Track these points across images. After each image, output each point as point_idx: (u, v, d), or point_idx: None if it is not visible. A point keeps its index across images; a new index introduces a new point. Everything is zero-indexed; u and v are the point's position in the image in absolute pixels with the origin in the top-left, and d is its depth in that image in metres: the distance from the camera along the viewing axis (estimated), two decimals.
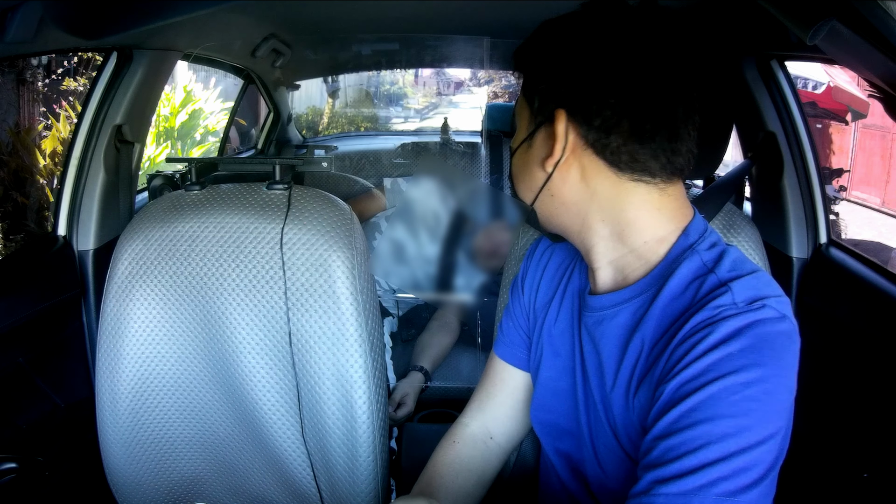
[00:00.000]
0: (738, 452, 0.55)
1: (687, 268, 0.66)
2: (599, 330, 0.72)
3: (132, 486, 1.07)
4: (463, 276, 1.90)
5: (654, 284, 0.68)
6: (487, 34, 1.84)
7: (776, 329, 0.59)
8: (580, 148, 0.67)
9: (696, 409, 0.57)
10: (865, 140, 7.11)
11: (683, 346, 0.61)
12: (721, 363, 0.58)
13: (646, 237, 0.68)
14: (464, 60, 2.56)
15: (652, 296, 0.67)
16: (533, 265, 0.87)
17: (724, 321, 0.59)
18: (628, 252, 0.69)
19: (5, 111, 4.28)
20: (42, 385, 1.28)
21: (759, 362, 0.57)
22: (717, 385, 0.57)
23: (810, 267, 1.37)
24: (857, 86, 5.85)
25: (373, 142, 2.84)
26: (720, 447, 0.55)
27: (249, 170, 1.16)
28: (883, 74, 0.70)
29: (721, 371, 0.57)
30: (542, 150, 0.69)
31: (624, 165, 0.66)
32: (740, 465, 0.55)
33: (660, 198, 0.68)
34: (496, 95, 6.24)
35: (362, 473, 0.98)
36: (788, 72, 1.39)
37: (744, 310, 0.60)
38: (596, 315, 0.72)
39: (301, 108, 3.63)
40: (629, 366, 0.68)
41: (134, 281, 1.01)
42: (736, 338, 0.58)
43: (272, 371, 0.99)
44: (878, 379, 1.12)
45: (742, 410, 0.56)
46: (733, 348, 0.58)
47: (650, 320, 0.66)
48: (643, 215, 0.68)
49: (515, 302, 0.89)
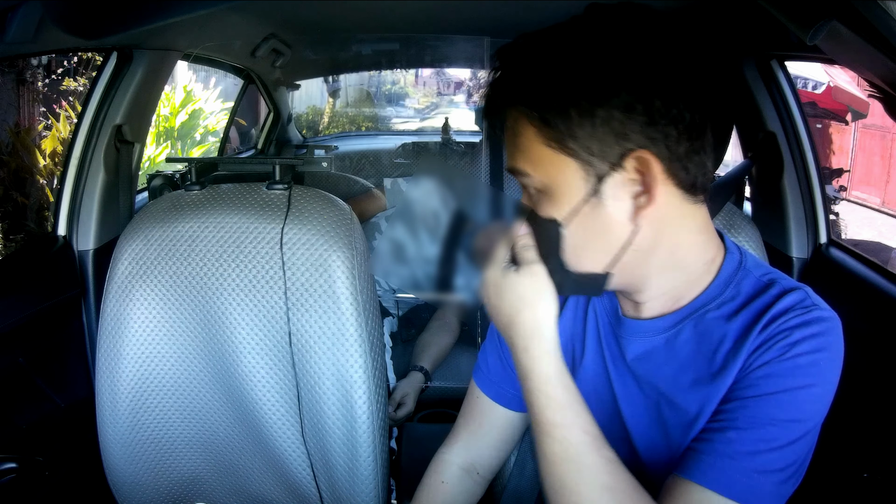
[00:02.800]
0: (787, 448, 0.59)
1: (748, 284, 0.66)
2: (657, 352, 0.68)
3: (132, 486, 1.07)
4: (463, 275, 1.90)
5: (712, 300, 0.66)
6: (487, 34, 1.84)
7: (841, 335, 0.63)
8: (664, 183, 0.58)
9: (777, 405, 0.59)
10: (865, 140, 7.11)
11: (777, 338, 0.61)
12: (809, 371, 0.60)
13: (703, 259, 0.65)
14: (464, 60, 2.56)
15: (717, 309, 0.65)
16: None
17: (812, 324, 0.61)
18: (686, 278, 0.66)
19: (5, 111, 4.28)
20: (42, 385, 1.28)
21: (835, 377, 0.61)
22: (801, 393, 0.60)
23: (810, 267, 1.37)
24: (857, 86, 5.84)
25: (373, 142, 2.85)
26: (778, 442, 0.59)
27: (249, 170, 1.16)
28: (883, 74, 0.70)
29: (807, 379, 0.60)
30: (620, 203, 0.58)
31: (698, 189, 0.60)
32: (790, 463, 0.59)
33: (704, 216, 0.64)
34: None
35: (362, 473, 0.98)
36: (788, 72, 1.40)
37: (825, 314, 0.62)
38: (651, 339, 0.68)
39: (301, 107, 3.63)
40: (713, 374, 0.65)
41: (134, 281, 1.01)
42: (822, 343, 0.61)
43: (272, 371, 0.99)
44: (878, 379, 1.12)
45: (808, 416, 0.60)
46: (823, 355, 0.60)
47: (730, 333, 0.64)
48: (700, 238, 0.65)
49: None
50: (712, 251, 0.67)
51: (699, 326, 0.66)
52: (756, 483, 0.58)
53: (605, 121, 0.56)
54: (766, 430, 0.59)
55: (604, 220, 0.59)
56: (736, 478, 0.58)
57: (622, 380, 0.71)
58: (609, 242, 0.61)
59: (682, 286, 0.66)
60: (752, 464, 0.58)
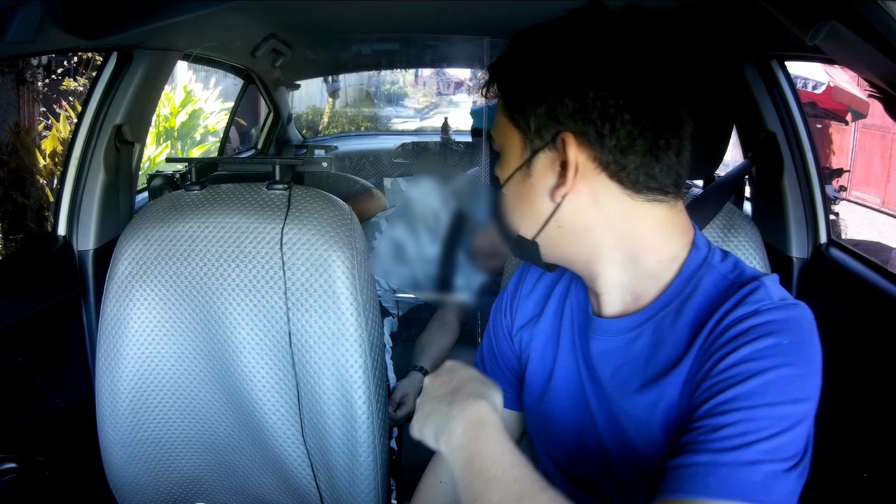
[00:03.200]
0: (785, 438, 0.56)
1: (709, 281, 0.65)
2: (616, 354, 0.68)
3: (132, 486, 1.07)
4: (463, 275, 1.90)
5: (673, 300, 0.65)
6: (487, 34, 1.83)
7: (812, 325, 0.62)
8: (592, 172, 0.62)
9: (753, 393, 0.57)
10: (865, 140, 7.11)
11: (728, 335, 0.60)
12: (773, 352, 0.58)
13: (659, 256, 0.66)
14: (464, 60, 2.56)
15: (676, 310, 0.65)
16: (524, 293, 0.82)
17: (766, 312, 0.60)
18: (642, 273, 0.66)
19: (5, 111, 4.28)
20: (42, 385, 1.28)
21: (806, 358, 0.59)
22: (774, 373, 0.57)
23: (810, 267, 1.37)
24: (857, 86, 5.85)
25: (373, 141, 2.85)
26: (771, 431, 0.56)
27: (249, 170, 1.16)
28: (883, 74, 0.70)
29: (776, 360, 0.58)
30: (545, 178, 0.63)
31: (641, 186, 0.62)
32: (786, 452, 0.56)
33: (672, 215, 0.65)
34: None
35: (362, 473, 0.98)
36: (788, 72, 1.39)
37: (781, 305, 0.61)
38: (612, 340, 0.68)
39: (301, 107, 3.63)
40: (662, 376, 0.64)
41: (134, 281, 1.01)
42: (784, 331, 0.59)
43: (272, 371, 0.99)
44: (878, 379, 1.12)
45: (792, 399, 0.57)
46: (784, 339, 0.58)
47: (681, 329, 0.64)
48: (657, 236, 0.65)
49: (499, 326, 0.84)
50: (674, 249, 0.66)
51: (657, 331, 0.66)
52: (751, 474, 0.55)
53: (544, 102, 0.62)
54: (739, 421, 0.56)
55: (529, 190, 0.65)
56: (724, 476, 0.54)
57: (589, 376, 0.71)
58: (534, 212, 0.66)
59: (636, 282, 0.67)
60: (739, 457, 0.55)
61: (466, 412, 0.62)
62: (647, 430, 0.66)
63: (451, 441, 0.62)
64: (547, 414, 0.77)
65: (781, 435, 0.56)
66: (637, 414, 0.66)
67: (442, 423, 0.63)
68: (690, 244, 0.67)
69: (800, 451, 0.57)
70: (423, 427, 0.65)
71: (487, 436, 0.61)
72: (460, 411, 0.62)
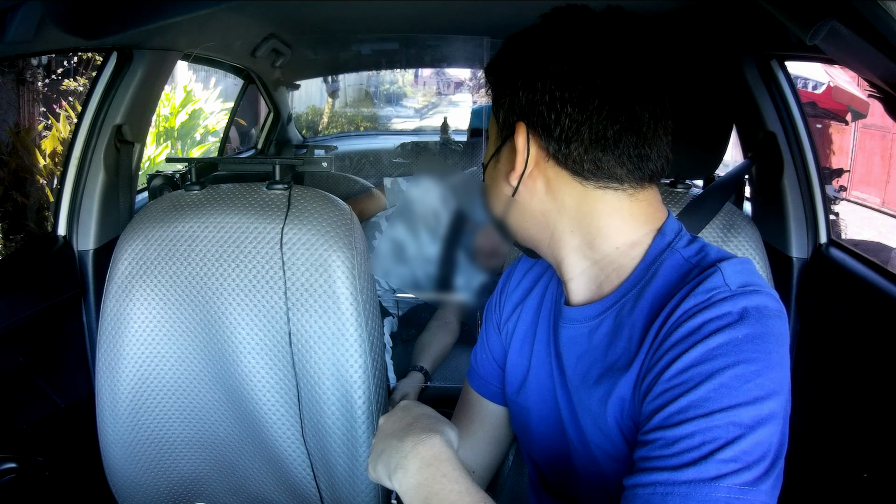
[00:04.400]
0: (747, 443, 0.52)
1: (669, 265, 0.63)
2: (580, 342, 0.68)
3: (132, 486, 1.07)
4: (463, 275, 1.90)
5: (633, 287, 0.65)
6: (487, 34, 1.83)
7: (775, 313, 0.57)
8: (543, 160, 0.66)
9: (706, 399, 0.53)
10: (865, 140, 7.11)
11: (678, 333, 0.57)
12: (726, 350, 0.54)
13: (617, 243, 0.66)
14: (464, 60, 2.56)
15: (635, 297, 0.64)
16: (511, 288, 0.84)
17: (719, 303, 0.56)
18: (600, 259, 0.67)
19: (5, 111, 4.28)
20: (42, 385, 1.28)
21: (766, 350, 0.55)
22: (728, 373, 0.53)
23: (810, 267, 1.37)
24: (857, 86, 5.85)
25: (373, 141, 2.85)
26: (729, 437, 0.52)
27: (249, 170, 1.17)
28: (883, 74, 0.70)
29: (729, 358, 0.54)
30: (507, 164, 0.68)
31: (588, 174, 0.64)
32: (750, 457, 0.52)
33: (630, 204, 0.66)
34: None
35: (362, 473, 0.98)
36: (788, 72, 1.39)
37: (738, 293, 0.57)
38: (577, 327, 0.69)
39: (301, 107, 3.63)
40: (616, 367, 0.63)
41: (134, 281, 1.01)
42: (739, 323, 0.55)
43: (272, 371, 0.99)
44: (878, 379, 1.12)
45: (751, 399, 0.53)
46: (738, 333, 0.55)
47: (637, 318, 0.63)
48: (614, 223, 0.66)
49: (491, 327, 0.85)
50: (634, 236, 0.66)
51: (617, 318, 0.65)
52: (713, 490, 0.51)
53: (508, 95, 0.67)
54: (702, 431, 0.52)
55: (496, 175, 0.70)
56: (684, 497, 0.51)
57: (557, 366, 0.72)
58: (500, 193, 0.71)
59: (597, 269, 0.68)
60: (698, 473, 0.51)
61: (419, 448, 0.62)
62: (601, 423, 0.65)
63: (406, 479, 0.61)
64: (524, 406, 0.78)
65: (742, 440, 0.52)
66: (592, 406, 0.66)
67: (395, 459, 0.62)
68: (656, 231, 0.66)
69: (767, 452, 0.53)
70: (376, 465, 0.65)
71: (443, 474, 0.60)
72: (413, 447, 0.62)
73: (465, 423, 0.86)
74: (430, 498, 0.58)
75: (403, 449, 0.62)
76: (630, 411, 0.62)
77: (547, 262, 0.77)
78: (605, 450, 0.66)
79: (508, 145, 0.68)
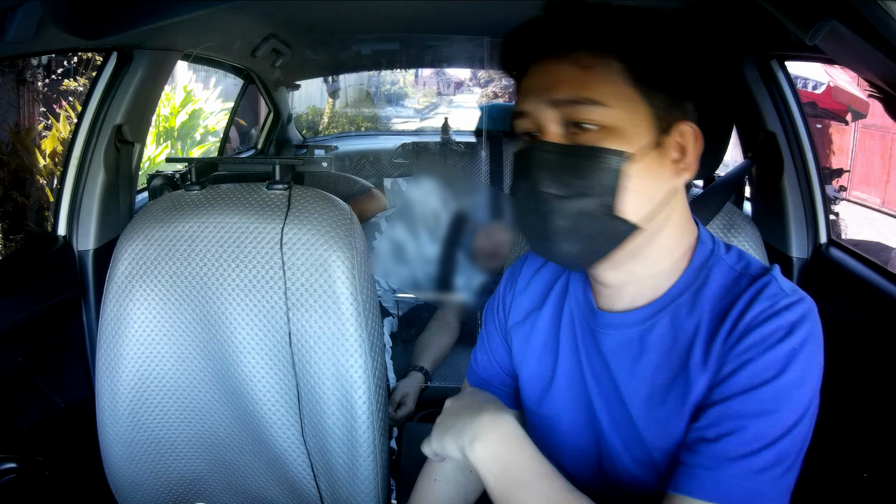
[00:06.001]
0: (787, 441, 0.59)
1: (718, 271, 0.67)
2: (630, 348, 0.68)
3: (132, 486, 1.07)
4: (463, 275, 1.90)
5: (684, 290, 0.67)
6: (487, 34, 1.84)
7: (817, 314, 0.64)
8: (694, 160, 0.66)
9: (766, 400, 0.59)
10: (865, 140, 7.11)
11: (752, 338, 0.61)
12: (788, 359, 0.60)
13: (682, 247, 0.68)
14: (464, 60, 2.56)
15: (690, 300, 0.67)
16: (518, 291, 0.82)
17: (782, 312, 0.62)
18: (664, 267, 0.68)
19: (5, 111, 4.28)
20: (42, 385, 1.28)
21: (816, 360, 0.62)
22: (784, 381, 0.60)
23: (810, 267, 1.37)
24: (857, 86, 5.85)
25: (373, 142, 2.84)
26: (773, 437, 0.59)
27: (249, 170, 1.16)
28: (883, 74, 0.70)
29: (789, 369, 0.60)
30: (667, 161, 0.64)
31: (701, 173, 0.69)
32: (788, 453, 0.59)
33: (686, 205, 0.70)
34: (496, 95, 6.24)
35: (362, 473, 0.98)
36: (788, 72, 1.39)
37: (795, 300, 0.63)
38: (625, 332, 0.69)
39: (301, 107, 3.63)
40: (690, 369, 0.65)
41: (134, 281, 1.01)
42: (797, 330, 0.61)
43: (272, 371, 0.99)
44: (878, 379, 1.12)
45: (796, 404, 0.60)
46: (798, 340, 0.61)
47: (701, 322, 0.65)
48: (683, 223, 0.69)
49: (492, 329, 0.84)
50: (689, 239, 0.69)
51: (674, 320, 0.67)
52: (756, 483, 0.58)
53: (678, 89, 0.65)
54: (755, 427, 0.59)
55: (655, 172, 0.64)
56: (734, 483, 0.58)
57: (595, 372, 0.71)
58: (653, 194, 0.64)
59: (660, 274, 0.68)
60: (749, 465, 0.58)
61: (496, 425, 0.66)
62: (671, 424, 0.66)
63: (486, 450, 0.65)
64: (548, 415, 0.77)
65: (783, 439, 0.59)
66: (665, 407, 0.66)
67: (469, 432, 0.66)
68: (696, 236, 0.70)
69: (796, 448, 0.60)
70: (443, 438, 0.69)
71: (520, 447, 0.65)
72: (490, 422, 0.66)
73: None
74: (509, 466, 0.64)
75: (480, 424, 0.66)
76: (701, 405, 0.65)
77: (558, 270, 0.77)
78: (662, 448, 0.67)
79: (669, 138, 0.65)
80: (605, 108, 0.62)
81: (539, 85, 0.65)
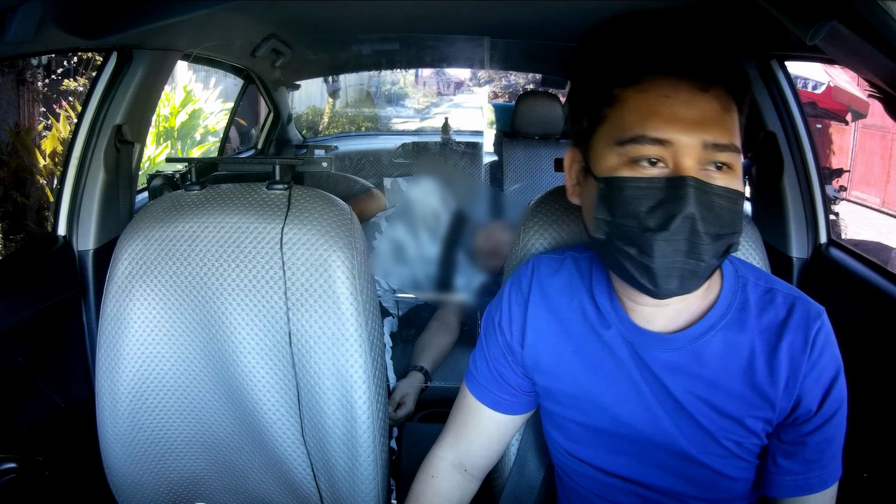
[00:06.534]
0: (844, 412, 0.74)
1: (752, 288, 0.74)
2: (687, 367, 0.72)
3: (132, 486, 1.07)
4: (463, 276, 1.90)
5: (728, 310, 0.72)
6: (487, 34, 1.83)
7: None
8: None
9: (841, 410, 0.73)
10: (865, 140, 7.11)
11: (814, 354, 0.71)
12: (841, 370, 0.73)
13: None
14: (464, 60, 2.56)
15: (737, 318, 0.72)
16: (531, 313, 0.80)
17: (826, 327, 0.73)
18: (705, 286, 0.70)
19: (5, 111, 4.28)
20: (42, 385, 1.28)
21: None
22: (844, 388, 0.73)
23: (810, 267, 1.37)
24: (857, 86, 5.85)
25: (373, 142, 2.85)
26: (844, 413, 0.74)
27: (249, 170, 1.16)
28: (883, 74, 0.70)
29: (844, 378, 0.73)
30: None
31: None
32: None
33: None
34: (496, 95, 6.24)
35: (362, 473, 0.98)
36: (788, 72, 1.39)
37: (818, 306, 0.74)
38: (679, 353, 0.72)
39: (301, 107, 3.63)
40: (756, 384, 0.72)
41: (134, 281, 1.01)
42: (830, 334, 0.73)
43: (272, 371, 0.99)
44: (878, 379, 1.12)
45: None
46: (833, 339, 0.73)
47: (754, 339, 0.72)
48: None
49: (492, 341, 0.84)
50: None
51: (727, 338, 0.71)
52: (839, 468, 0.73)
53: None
54: (836, 419, 0.72)
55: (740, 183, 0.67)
56: (836, 467, 0.73)
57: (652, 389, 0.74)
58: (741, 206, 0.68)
59: (700, 292, 0.70)
60: (838, 449, 0.73)
61: None
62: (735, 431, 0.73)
63: None
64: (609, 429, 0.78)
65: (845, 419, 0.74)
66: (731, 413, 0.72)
67: None
68: None
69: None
70: None
71: None
72: None
73: (460, 424, 0.88)
74: None
75: None
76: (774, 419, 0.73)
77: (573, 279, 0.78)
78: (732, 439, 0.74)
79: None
80: (738, 153, 0.66)
81: (685, 117, 0.63)
